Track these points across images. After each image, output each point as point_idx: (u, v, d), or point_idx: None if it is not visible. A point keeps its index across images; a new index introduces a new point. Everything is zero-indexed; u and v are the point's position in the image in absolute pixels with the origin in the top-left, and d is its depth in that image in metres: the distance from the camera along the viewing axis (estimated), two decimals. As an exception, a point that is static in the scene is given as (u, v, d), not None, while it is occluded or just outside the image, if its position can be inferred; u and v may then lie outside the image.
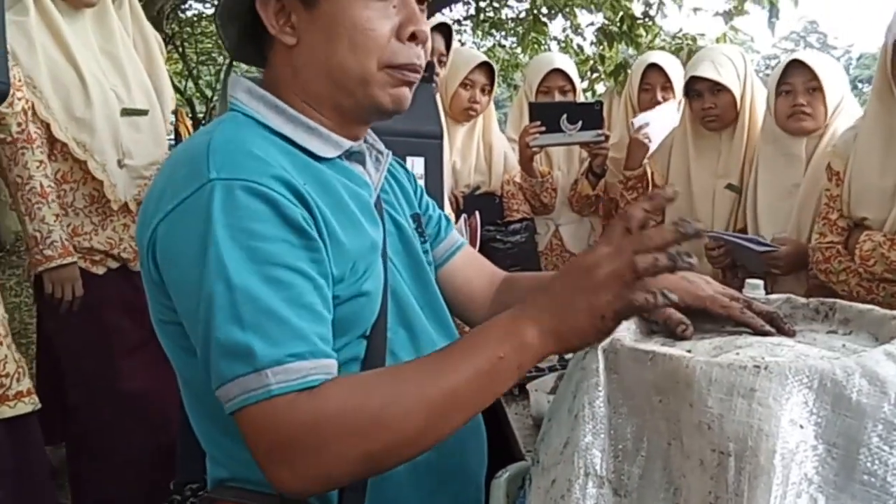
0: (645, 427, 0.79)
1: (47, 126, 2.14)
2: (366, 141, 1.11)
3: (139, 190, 2.32)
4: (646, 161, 2.72)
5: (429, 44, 1.03)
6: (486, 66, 2.79)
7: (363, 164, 1.08)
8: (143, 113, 2.36)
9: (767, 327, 0.91)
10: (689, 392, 0.73)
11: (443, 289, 1.22)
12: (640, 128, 2.67)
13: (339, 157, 1.02)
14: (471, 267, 1.28)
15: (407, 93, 1.02)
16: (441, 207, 1.39)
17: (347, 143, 1.02)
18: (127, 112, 2.29)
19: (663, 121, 2.72)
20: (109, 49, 2.31)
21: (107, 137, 2.23)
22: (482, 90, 2.79)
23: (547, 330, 0.81)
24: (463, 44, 7.82)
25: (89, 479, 2.35)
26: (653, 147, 2.68)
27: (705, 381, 0.72)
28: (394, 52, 0.97)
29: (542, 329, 0.82)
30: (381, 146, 1.14)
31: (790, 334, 0.91)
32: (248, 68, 1.15)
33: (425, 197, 1.28)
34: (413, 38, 0.98)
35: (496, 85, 2.92)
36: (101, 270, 2.30)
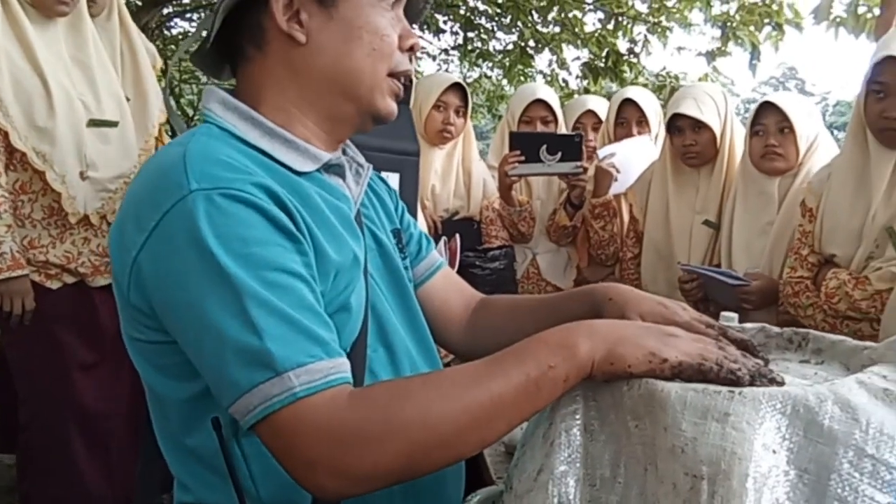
0: (622, 453, 0.78)
1: (5, 134, 2.07)
2: (345, 153, 1.09)
3: (103, 203, 2.26)
4: (621, 192, 2.76)
5: None
6: (458, 89, 2.79)
7: (343, 177, 1.05)
8: (113, 124, 2.29)
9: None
10: (664, 416, 0.73)
11: (422, 309, 1.20)
12: (605, 157, 2.70)
13: (318, 170, 1.00)
14: (450, 288, 1.26)
15: (396, 104, 1.03)
16: None
17: (326, 156, 1.00)
18: (94, 123, 2.23)
19: (632, 152, 2.76)
20: (82, 58, 2.25)
21: (69, 148, 2.16)
22: (456, 112, 2.78)
23: (601, 348, 0.81)
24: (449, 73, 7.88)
25: (38, 496, 2.28)
26: (620, 177, 2.72)
27: (680, 404, 0.72)
28: (398, 61, 1.00)
29: (596, 346, 0.81)
30: (362, 159, 1.12)
31: (764, 363, 0.90)
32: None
33: (405, 212, 1.26)
34: (411, 49, 1.02)
35: (475, 111, 2.94)
36: (55, 285, 2.21)
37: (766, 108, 2.21)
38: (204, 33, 1.01)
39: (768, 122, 2.21)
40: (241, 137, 0.95)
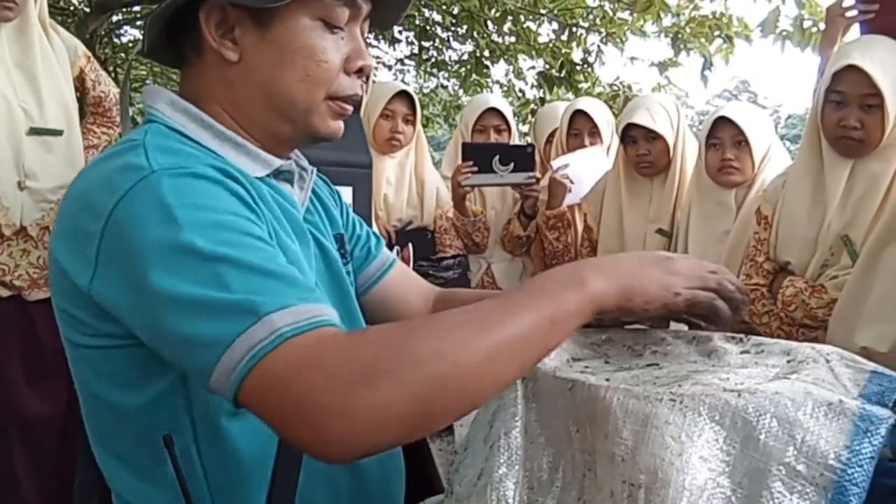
0: (561, 457, 0.78)
1: None
2: (288, 157, 1.07)
3: (43, 214, 2.17)
4: (575, 202, 2.77)
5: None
6: (406, 97, 2.77)
7: (291, 183, 1.04)
8: (57, 133, 2.21)
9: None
10: (605, 423, 0.73)
11: (379, 307, 1.20)
12: (559, 169, 2.71)
13: (269, 175, 0.98)
14: (406, 285, 1.25)
15: (342, 125, 1.00)
16: None
17: (277, 162, 0.97)
18: (36, 131, 2.15)
19: (585, 163, 2.77)
20: (27, 64, 2.17)
21: (6, 157, 2.08)
22: (405, 120, 2.76)
23: (614, 281, 0.79)
24: (406, 84, 7.87)
25: None
26: (574, 188, 2.73)
27: (622, 412, 0.72)
28: (340, 85, 0.95)
29: (609, 280, 0.79)
30: (305, 162, 1.09)
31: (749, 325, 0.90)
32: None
33: (351, 215, 1.24)
34: (360, 71, 0.97)
35: (431, 121, 2.92)
36: None
37: (722, 121, 2.23)
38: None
39: (724, 135, 2.23)
40: (191, 138, 0.91)
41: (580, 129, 2.91)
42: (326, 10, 0.92)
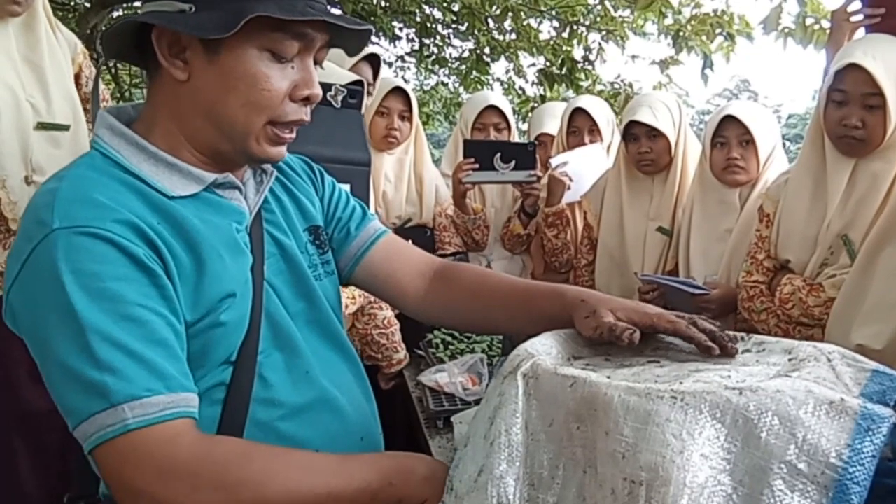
0: (561, 454, 0.78)
1: None
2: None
3: None
4: (575, 200, 2.77)
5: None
6: (401, 93, 2.74)
7: (239, 188, 1.07)
8: (64, 128, 2.20)
9: (709, 342, 0.91)
10: (606, 420, 0.73)
11: (368, 283, 1.25)
12: (558, 166, 2.71)
13: (208, 189, 1.02)
14: (394, 259, 1.25)
15: (284, 150, 1.04)
16: None
17: (210, 177, 1.02)
18: (44, 126, 2.14)
19: (584, 160, 2.77)
20: (34, 59, 2.16)
21: (13, 151, 2.06)
22: (401, 117, 2.73)
23: (436, 494, 0.89)
24: (406, 81, 7.86)
25: None
26: (574, 186, 2.73)
27: (623, 409, 0.73)
28: (284, 111, 0.99)
29: (433, 490, 0.89)
30: (268, 165, 1.12)
31: (732, 353, 0.91)
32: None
33: (336, 195, 1.26)
34: (306, 100, 1.01)
35: (431, 118, 2.91)
36: None
37: (728, 120, 2.22)
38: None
39: (730, 134, 2.22)
40: (122, 164, 0.97)
41: (579, 127, 2.90)
42: (274, 42, 0.96)
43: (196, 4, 0.93)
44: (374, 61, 2.51)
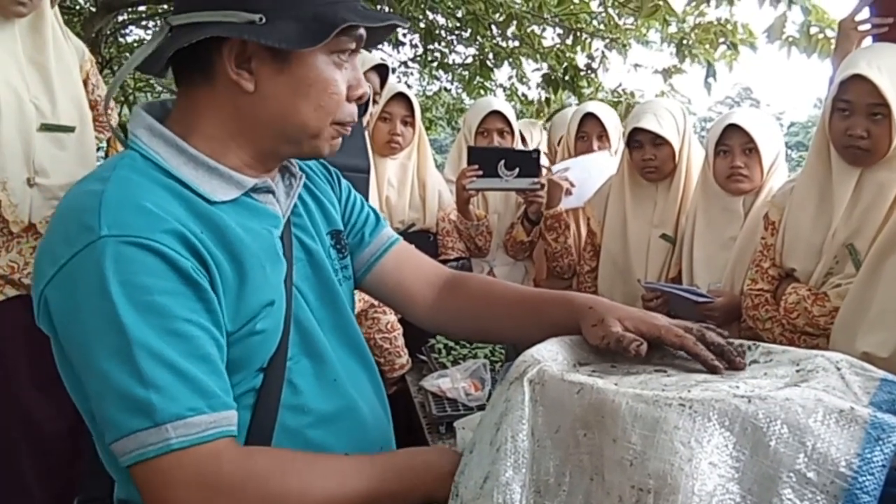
0: (568, 461, 0.78)
1: None
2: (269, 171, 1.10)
3: (53, 211, 2.16)
4: (578, 206, 2.78)
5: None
6: (403, 98, 2.74)
7: (273, 193, 1.07)
8: (69, 129, 2.17)
9: (716, 361, 0.90)
10: (613, 427, 0.73)
11: (378, 290, 1.25)
12: (558, 172, 2.73)
13: (246, 194, 1.01)
14: (405, 267, 1.26)
15: (340, 142, 1.06)
16: None
17: (250, 182, 1.01)
18: (47, 127, 2.11)
19: (589, 167, 2.78)
20: (40, 60, 2.13)
21: (15, 153, 2.03)
22: (403, 122, 2.73)
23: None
24: (409, 86, 7.87)
25: None
26: (577, 192, 2.74)
27: (630, 416, 0.72)
28: (343, 111, 1.02)
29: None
30: (296, 168, 1.13)
31: (740, 367, 0.90)
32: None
33: (352, 199, 1.27)
34: (359, 98, 1.04)
35: (434, 123, 2.90)
36: None
37: (731, 128, 2.22)
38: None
39: (733, 142, 2.22)
40: (163, 167, 0.96)
41: (588, 133, 2.91)
42: (340, 46, 0.98)
43: (266, 15, 0.93)
44: (382, 70, 2.51)
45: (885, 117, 1.79)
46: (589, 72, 5.43)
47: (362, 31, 1.00)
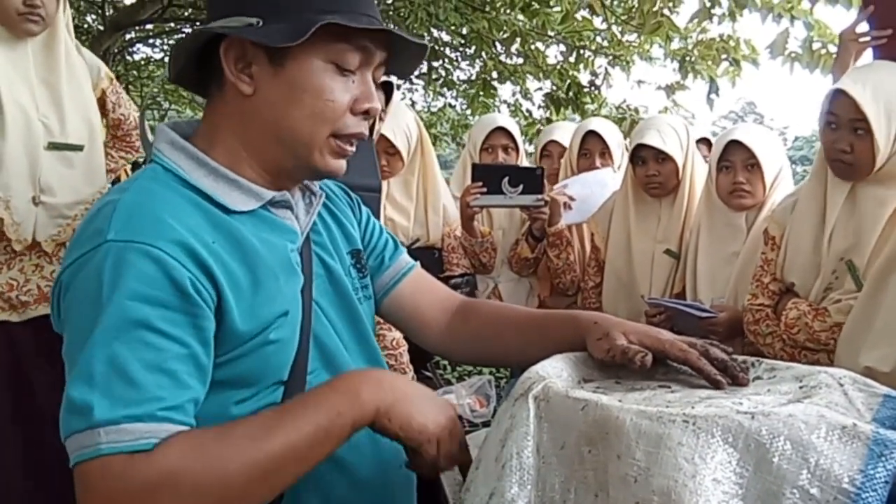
0: (573, 478, 0.78)
1: None
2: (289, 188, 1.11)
3: (59, 230, 2.14)
4: (579, 222, 2.79)
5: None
6: (384, 138, 2.68)
7: (291, 209, 1.08)
8: (77, 148, 2.17)
9: (719, 376, 0.90)
10: (618, 443, 0.73)
11: (394, 316, 1.26)
12: (557, 189, 2.74)
13: (264, 206, 1.03)
14: (421, 293, 1.27)
15: (344, 164, 1.05)
16: None
17: (269, 194, 1.03)
18: (55, 146, 2.12)
19: (589, 183, 2.79)
20: (51, 80, 2.15)
21: (21, 171, 2.05)
22: (387, 153, 2.70)
23: (386, 399, 0.92)
24: (414, 103, 7.90)
25: None
26: (580, 208, 2.75)
27: (635, 432, 0.72)
28: (345, 124, 1.01)
29: (382, 397, 0.92)
30: (316, 188, 1.14)
31: (743, 383, 0.90)
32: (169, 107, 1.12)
33: (371, 225, 1.28)
34: (366, 113, 1.03)
35: (438, 139, 2.90)
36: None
37: (733, 144, 2.23)
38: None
39: (735, 158, 2.23)
40: (183, 178, 0.98)
41: (591, 150, 2.91)
42: (338, 54, 0.98)
43: (263, 18, 0.95)
44: (387, 88, 2.52)
45: (867, 132, 1.80)
46: (593, 88, 5.46)
47: (369, 44, 1.00)
